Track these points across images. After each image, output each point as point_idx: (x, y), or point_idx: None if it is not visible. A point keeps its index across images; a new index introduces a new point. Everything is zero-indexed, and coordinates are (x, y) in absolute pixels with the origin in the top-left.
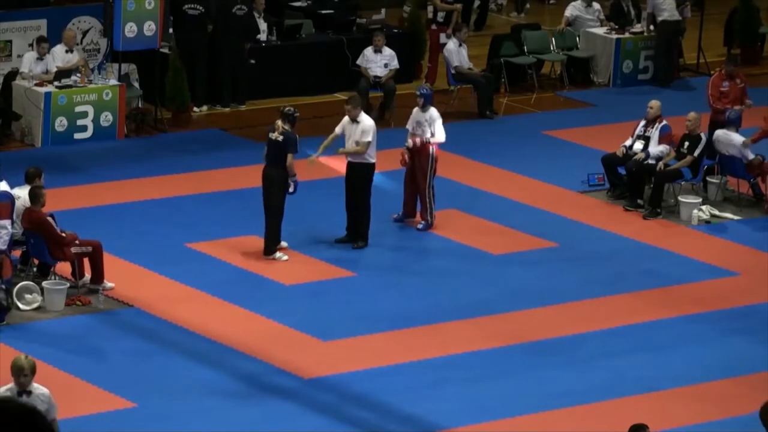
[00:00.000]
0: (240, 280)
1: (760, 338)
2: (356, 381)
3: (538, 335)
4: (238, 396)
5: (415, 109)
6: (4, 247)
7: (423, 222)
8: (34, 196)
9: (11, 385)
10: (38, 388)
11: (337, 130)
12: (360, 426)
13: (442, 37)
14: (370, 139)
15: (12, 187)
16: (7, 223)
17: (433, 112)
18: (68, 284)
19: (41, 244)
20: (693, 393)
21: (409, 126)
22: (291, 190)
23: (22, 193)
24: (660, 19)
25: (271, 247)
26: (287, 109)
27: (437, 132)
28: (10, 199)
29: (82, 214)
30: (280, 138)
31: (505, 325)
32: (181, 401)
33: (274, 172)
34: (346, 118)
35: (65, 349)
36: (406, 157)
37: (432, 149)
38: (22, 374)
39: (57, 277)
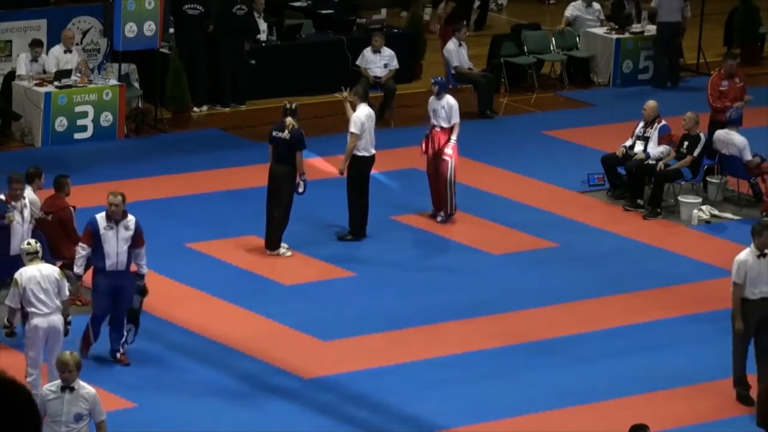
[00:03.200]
0: (240, 280)
1: None
2: (356, 381)
3: (538, 335)
4: (238, 396)
5: (431, 98)
6: (147, 270)
7: (442, 213)
8: (60, 184)
9: (58, 381)
10: (84, 387)
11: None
12: (360, 426)
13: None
14: (352, 129)
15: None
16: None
17: (450, 99)
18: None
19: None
20: (693, 393)
21: (430, 112)
22: (300, 190)
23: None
24: (658, 20)
25: (275, 242)
26: (292, 105)
27: (455, 121)
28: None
29: (83, 214)
30: (288, 136)
31: (505, 325)
32: (181, 401)
33: (283, 170)
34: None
35: (65, 349)
36: (424, 146)
37: (452, 142)
38: (66, 369)
39: None
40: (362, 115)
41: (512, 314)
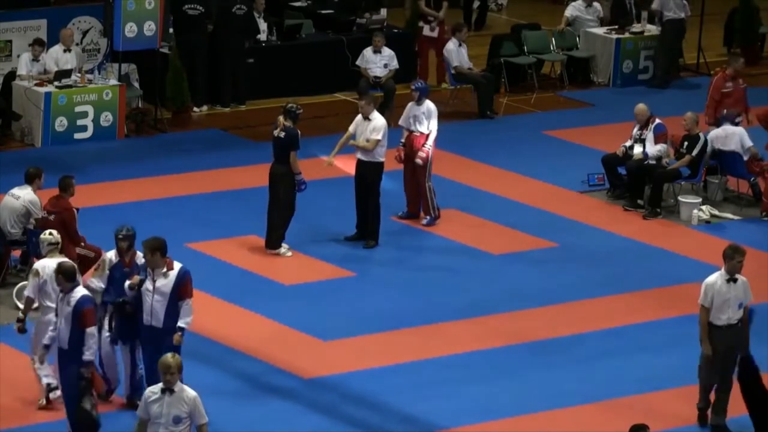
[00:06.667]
0: (240, 280)
1: (760, 338)
2: (356, 381)
3: (538, 335)
4: (238, 396)
5: (410, 104)
6: (92, 358)
7: (428, 217)
8: (65, 185)
9: (161, 383)
10: (185, 389)
11: (351, 128)
12: (360, 426)
13: (426, 30)
14: (380, 137)
15: (11, 187)
16: (94, 330)
17: (430, 105)
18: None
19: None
20: (693, 393)
21: (402, 122)
22: (301, 188)
23: (21, 193)
24: (664, 18)
25: (275, 242)
26: (290, 105)
27: (432, 127)
28: (94, 304)
29: (83, 214)
30: (282, 135)
31: (505, 325)
32: None
33: (281, 169)
34: (359, 116)
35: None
36: (402, 154)
37: (429, 148)
38: (168, 372)
39: None
40: (384, 122)
41: (512, 314)
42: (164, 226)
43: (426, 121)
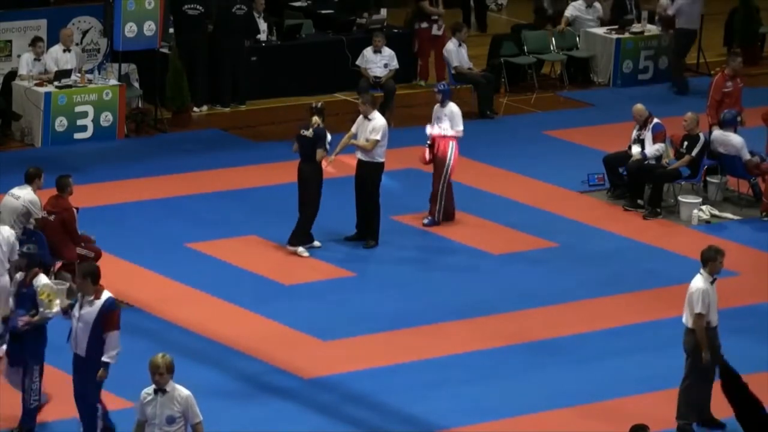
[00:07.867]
0: (240, 280)
1: (760, 338)
2: (356, 381)
3: (538, 335)
4: (238, 396)
5: (436, 106)
6: None
7: (430, 217)
8: (62, 185)
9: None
10: (177, 389)
11: (353, 128)
12: (360, 426)
13: (434, 29)
14: (378, 137)
15: (11, 187)
16: None
17: (453, 107)
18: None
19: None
20: None
21: (433, 120)
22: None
23: (21, 193)
24: (677, 26)
25: (296, 240)
26: (318, 104)
27: (456, 125)
28: None
29: (83, 214)
30: (311, 134)
31: (505, 325)
32: None
33: (309, 168)
34: (361, 116)
35: (65, 349)
36: (427, 154)
37: (451, 148)
38: (157, 372)
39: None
40: (383, 122)
41: (512, 314)
42: (164, 226)
43: (449, 123)
